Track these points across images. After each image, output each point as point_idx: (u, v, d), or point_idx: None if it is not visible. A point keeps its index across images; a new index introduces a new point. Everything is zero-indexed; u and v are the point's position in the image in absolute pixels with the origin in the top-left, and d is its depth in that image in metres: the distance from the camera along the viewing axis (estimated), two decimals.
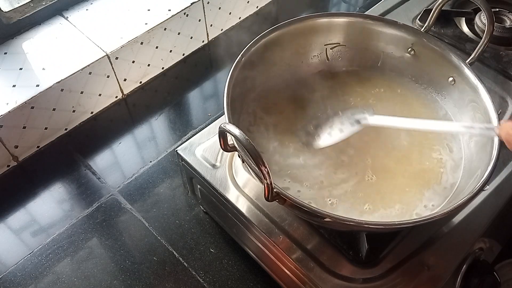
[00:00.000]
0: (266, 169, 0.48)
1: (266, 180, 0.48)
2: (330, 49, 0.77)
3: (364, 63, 0.78)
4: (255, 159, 0.47)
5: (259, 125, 0.71)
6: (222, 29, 1.10)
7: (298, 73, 0.76)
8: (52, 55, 0.88)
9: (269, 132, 0.70)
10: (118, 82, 0.95)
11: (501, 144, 0.58)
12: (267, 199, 0.51)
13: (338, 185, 0.65)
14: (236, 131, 0.48)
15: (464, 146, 0.69)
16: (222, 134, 0.54)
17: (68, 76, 0.85)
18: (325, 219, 0.53)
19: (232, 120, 0.59)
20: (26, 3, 0.91)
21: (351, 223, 0.52)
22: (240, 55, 0.65)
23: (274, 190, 0.51)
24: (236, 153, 0.72)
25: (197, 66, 1.05)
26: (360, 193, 0.64)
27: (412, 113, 0.73)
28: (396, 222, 0.56)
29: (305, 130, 0.70)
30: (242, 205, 0.67)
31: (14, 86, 0.83)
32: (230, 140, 0.56)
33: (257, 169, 0.48)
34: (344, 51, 0.77)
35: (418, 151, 0.69)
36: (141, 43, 0.93)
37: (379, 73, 0.77)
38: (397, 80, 0.76)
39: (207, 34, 1.07)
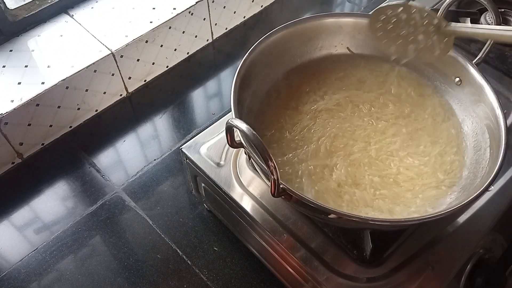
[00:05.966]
0: (273, 164, 0.47)
1: (273, 175, 0.48)
2: (336, 49, 0.77)
3: (371, 63, 0.78)
4: (262, 154, 0.47)
5: (264, 124, 0.70)
6: (226, 28, 1.10)
7: (304, 73, 0.76)
8: (57, 53, 0.88)
9: (274, 131, 0.70)
10: (123, 80, 0.95)
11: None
12: (273, 195, 0.50)
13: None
14: (243, 125, 0.48)
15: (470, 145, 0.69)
16: (229, 129, 0.54)
17: (73, 74, 0.85)
18: (330, 215, 0.53)
19: (239, 117, 0.59)
20: (32, 0, 0.92)
21: (356, 219, 0.52)
22: (248, 53, 0.65)
23: (281, 186, 0.50)
24: (241, 151, 0.72)
25: (202, 65, 1.05)
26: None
27: (418, 112, 0.73)
28: (402, 219, 0.56)
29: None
30: (247, 203, 0.67)
31: (19, 83, 0.83)
32: (237, 136, 0.56)
33: (264, 164, 0.48)
34: (350, 50, 0.77)
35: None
36: (146, 42, 0.93)
37: (386, 73, 0.77)
38: (403, 80, 0.76)
39: (212, 33, 1.07)
